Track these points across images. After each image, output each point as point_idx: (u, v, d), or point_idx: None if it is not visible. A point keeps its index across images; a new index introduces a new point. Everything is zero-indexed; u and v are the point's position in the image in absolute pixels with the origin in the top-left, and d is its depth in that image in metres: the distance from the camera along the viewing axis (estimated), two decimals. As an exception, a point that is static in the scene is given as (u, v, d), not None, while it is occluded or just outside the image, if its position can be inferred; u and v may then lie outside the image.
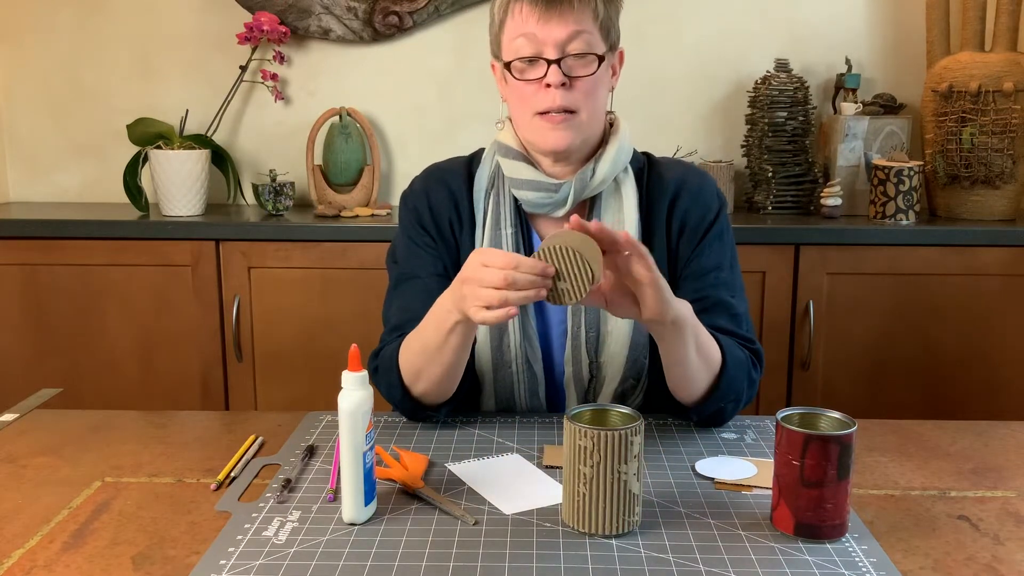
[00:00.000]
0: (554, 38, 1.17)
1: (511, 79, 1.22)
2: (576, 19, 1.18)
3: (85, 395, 2.14)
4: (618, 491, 0.90)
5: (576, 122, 1.21)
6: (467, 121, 2.44)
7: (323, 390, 2.06)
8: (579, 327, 1.25)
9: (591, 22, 1.19)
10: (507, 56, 1.22)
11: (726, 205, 1.33)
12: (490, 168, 1.31)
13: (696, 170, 1.34)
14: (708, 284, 1.25)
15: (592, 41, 1.20)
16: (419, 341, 1.16)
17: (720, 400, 1.18)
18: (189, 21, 2.42)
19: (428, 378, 1.17)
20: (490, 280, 1.00)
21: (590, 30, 1.19)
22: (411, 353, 1.18)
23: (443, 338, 1.12)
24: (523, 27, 1.18)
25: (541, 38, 1.18)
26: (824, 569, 0.85)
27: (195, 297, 2.11)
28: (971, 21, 2.17)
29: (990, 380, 2.09)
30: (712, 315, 1.22)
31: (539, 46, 1.18)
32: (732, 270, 1.29)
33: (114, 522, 0.96)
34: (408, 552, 0.88)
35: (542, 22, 1.17)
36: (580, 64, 1.19)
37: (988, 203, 2.18)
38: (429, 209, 1.31)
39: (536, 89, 1.20)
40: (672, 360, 1.13)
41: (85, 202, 2.50)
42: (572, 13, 1.17)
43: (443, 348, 1.13)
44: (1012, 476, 1.09)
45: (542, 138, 1.22)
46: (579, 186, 1.24)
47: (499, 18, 1.23)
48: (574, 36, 1.18)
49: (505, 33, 1.22)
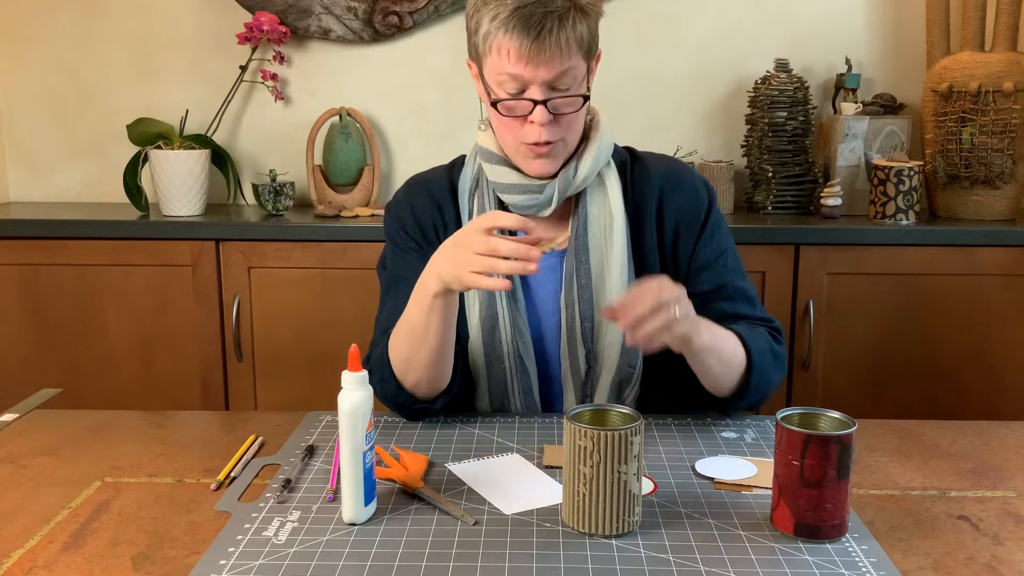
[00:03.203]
0: (541, 78, 1.16)
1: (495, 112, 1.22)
2: (563, 58, 1.15)
3: (85, 395, 2.14)
4: (618, 491, 0.90)
5: (559, 148, 1.22)
6: (467, 121, 2.44)
7: (323, 390, 2.06)
8: (573, 318, 1.26)
9: (576, 54, 1.17)
10: (492, 89, 1.20)
11: (715, 194, 1.35)
12: (472, 170, 1.32)
13: (680, 163, 1.36)
14: (719, 272, 1.30)
15: (578, 75, 1.19)
16: (403, 327, 1.18)
17: (754, 394, 1.22)
18: (189, 21, 2.42)
19: (417, 364, 1.18)
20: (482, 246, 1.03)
21: (576, 64, 1.18)
22: (398, 342, 1.19)
23: (425, 317, 1.13)
24: (509, 67, 1.16)
25: (528, 78, 1.16)
26: (824, 569, 0.85)
27: (195, 297, 2.11)
28: (971, 21, 2.17)
29: (990, 380, 2.09)
30: (731, 301, 1.28)
31: (525, 85, 1.17)
32: (735, 254, 1.34)
33: (114, 522, 0.96)
34: (408, 552, 0.88)
35: (531, 66, 1.15)
36: (566, 103, 1.19)
37: (988, 203, 2.18)
38: (413, 216, 1.33)
39: (521, 123, 1.20)
40: (699, 370, 1.19)
41: (85, 202, 2.50)
42: (559, 53, 1.15)
43: (426, 328, 1.14)
44: (1012, 476, 1.09)
45: (527, 166, 1.24)
46: (562, 185, 1.25)
47: (483, 48, 1.19)
48: (561, 75, 1.17)
49: (488, 66, 1.19)
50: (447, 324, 1.15)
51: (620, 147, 1.36)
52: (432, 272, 1.11)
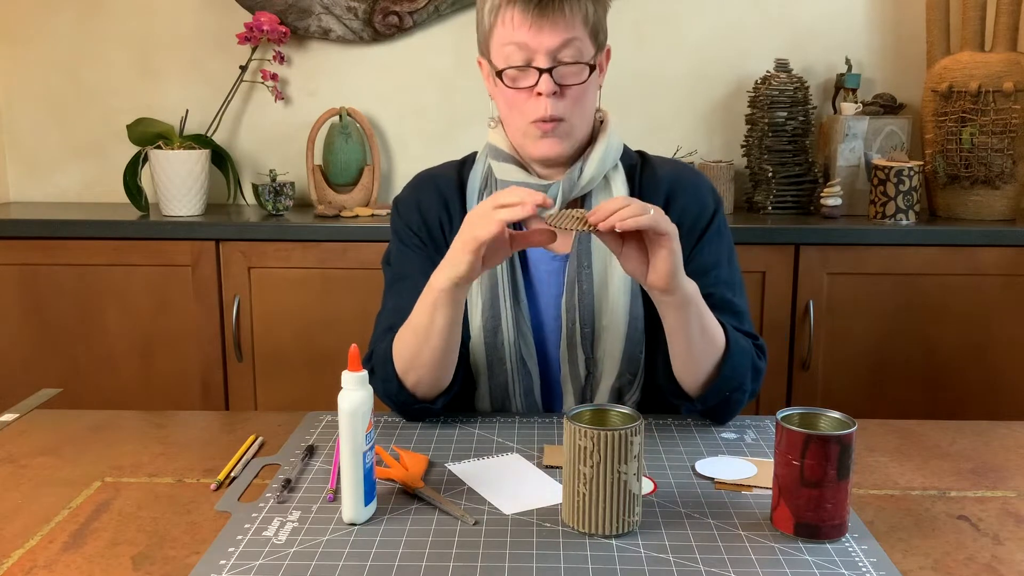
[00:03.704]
0: (546, 47, 1.17)
1: (501, 86, 1.22)
2: (567, 27, 1.17)
3: (85, 395, 2.14)
4: (618, 491, 0.90)
5: (566, 129, 1.21)
6: (467, 121, 2.44)
7: (323, 390, 2.06)
8: (574, 323, 1.25)
9: (582, 28, 1.19)
10: (497, 63, 1.21)
11: (722, 203, 1.33)
12: (482, 170, 1.32)
13: (690, 169, 1.35)
14: (709, 282, 1.25)
15: (583, 48, 1.19)
16: (409, 326, 1.18)
17: (723, 388, 1.18)
18: (189, 21, 2.42)
19: (421, 364, 1.18)
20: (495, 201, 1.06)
21: (581, 36, 1.19)
22: (403, 339, 1.19)
23: (430, 315, 1.13)
24: (514, 35, 1.18)
25: (533, 46, 1.17)
26: (824, 569, 0.85)
27: (195, 297, 2.11)
28: (971, 21, 2.17)
29: (990, 380, 2.09)
30: (716, 311, 1.22)
31: (530, 54, 1.18)
32: (731, 267, 1.30)
33: (114, 522, 0.96)
34: (408, 552, 0.88)
35: (534, 30, 1.16)
36: (571, 72, 1.19)
37: (988, 203, 2.18)
38: (419, 213, 1.32)
39: (527, 97, 1.20)
40: (676, 337, 1.15)
41: (85, 202, 2.50)
42: (563, 21, 1.17)
43: (431, 327, 1.14)
44: (1012, 476, 1.09)
45: (533, 146, 1.23)
46: (567, 186, 1.24)
47: (488, 22, 1.22)
48: (565, 44, 1.18)
49: (495, 39, 1.21)
50: (453, 323, 1.15)
51: (632, 151, 1.35)
52: (442, 267, 1.11)
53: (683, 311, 1.11)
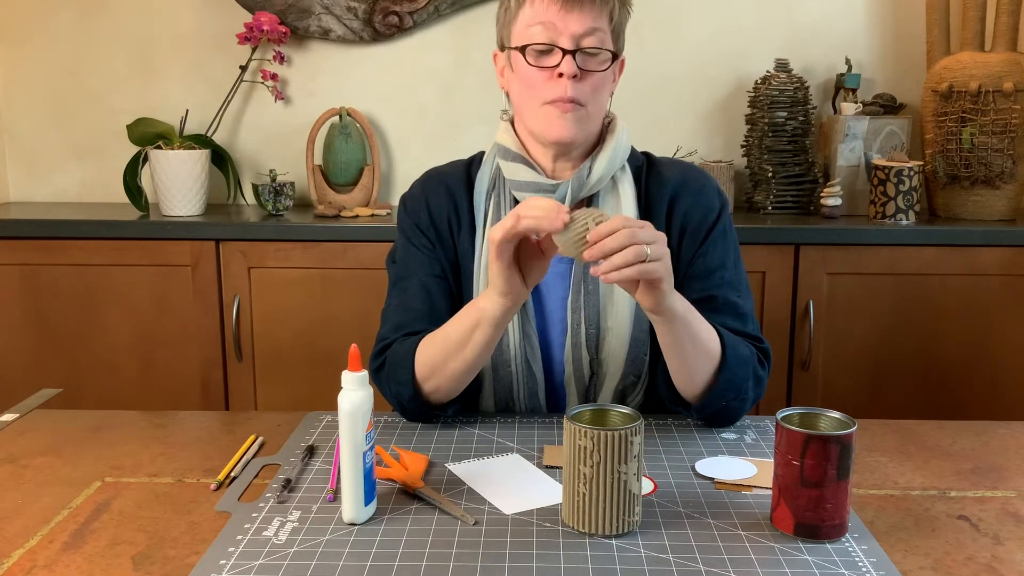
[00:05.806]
0: (572, 30, 1.19)
1: (521, 65, 1.22)
2: (595, 16, 1.19)
3: (85, 395, 2.14)
4: (618, 491, 0.90)
5: (582, 114, 1.22)
6: (467, 121, 2.44)
7: (323, 390, 2.06)
8: (579, 324, 1.25)
9: (606, 22, 1.21)
10: (521, 42, 1.22)
11: (728, 204, 1.33)
12: (491, 170, 1.31)
13: (697, 170, 1.34)
14: (713, 284, 1.25)
15: (605, 40, 1.22)
16: (442, 335, 1.18)
17: (721, 397, 1.17)
18: (189, 21, 2.42)
19: (445, 374, 1.18)
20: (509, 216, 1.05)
21: (604, 29, 1.21)
22: (431, 347, 1.19)
23: (468, 332, 1.14)
24: (542, 15, 1.19)
25: (560, 28, 1.19)
26: (824, 569, 0.85)
27: (195, 297, 2.11)
28: (971, 21, 2.17)
29: (990, 380, 2.09)
30: (718, 314, 1.22)
31: (556, 35, 1.19)
32: (736, 269, 1.30)
33: (114, 522, 0.96)
34: (408, 552, 0.88)
35: (563, 12, 1.18)
36: (593, 59, 1.21)
37: (988, 203, 2.18)
38: (427, 212, 1.32)
39: (547, 77, 1.20)
40: (669, 349, 1.15)
41: (85, 202, 2.50)
42: (592, 10, 1.19)
43: (467, 343, 1.15)
44: (1012, 476, 1.09)
45: (548, 126, 1.22)
46: (576, 185, 1.24)
47: (516, 5, 1.23)
48: (590, 32, 1.19)
49: (520, 20, 1.22)
50: (491, 342, 1.16)
51: (638, 152, 1.35)
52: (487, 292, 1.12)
53: (672, 326, 1.11)
